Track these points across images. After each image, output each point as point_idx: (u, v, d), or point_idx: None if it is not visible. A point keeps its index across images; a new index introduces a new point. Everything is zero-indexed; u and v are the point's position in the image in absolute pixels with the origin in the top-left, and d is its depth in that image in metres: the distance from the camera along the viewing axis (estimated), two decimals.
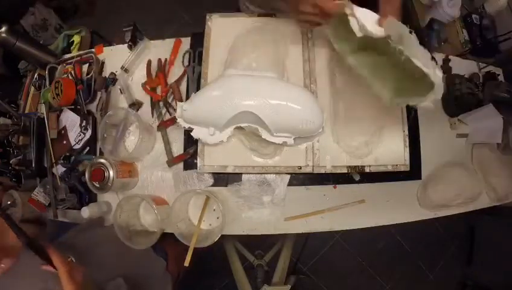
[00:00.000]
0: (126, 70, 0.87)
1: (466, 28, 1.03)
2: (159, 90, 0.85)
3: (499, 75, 0.93)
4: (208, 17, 0.79)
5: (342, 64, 0.69)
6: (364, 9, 0.55)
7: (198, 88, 0.79)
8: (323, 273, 1.73)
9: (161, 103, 0.84)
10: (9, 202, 0.83)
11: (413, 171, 0.76)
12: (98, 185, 0.74)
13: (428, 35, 0.88)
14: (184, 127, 0.70)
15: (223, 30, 0.78)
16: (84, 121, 0.86)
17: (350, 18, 0.55)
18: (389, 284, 1.75)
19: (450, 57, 0.92)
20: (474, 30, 1.02)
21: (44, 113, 0.87)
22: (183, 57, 0.86)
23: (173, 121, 0.81)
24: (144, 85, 0.86)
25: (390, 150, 0.74)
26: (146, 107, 0.86)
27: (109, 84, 0.87)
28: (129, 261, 0.77)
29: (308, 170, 0.71)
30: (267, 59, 0.75)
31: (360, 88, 0.76)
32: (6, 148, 0.90)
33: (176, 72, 0.86)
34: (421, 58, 0.52)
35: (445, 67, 0.91)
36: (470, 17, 1.02)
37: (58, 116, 0.89)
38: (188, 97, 0.81)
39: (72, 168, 0.84)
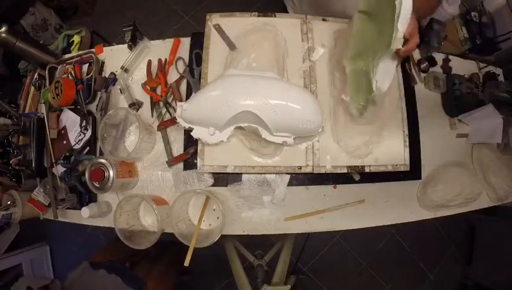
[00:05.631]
0: (126, 70, 0.87)
1: (465, 26, 1.03)
2: (159, 90, 0.85)
3: (498, 75, 0.93)
4: (208, 17, 0.79)
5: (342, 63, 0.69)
6: None
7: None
8: (323, 273, 1.74)
9: (161, 103, 0.84)
10: (9, 202, 0.83)
11: (413, 171, 0.76)
12: (98, 185, 0.74)
13: (428, 35, 0.88)
14: (184, 127, 0.70)
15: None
16: (84, 121, 0.86)
17: None
18: (389, 284, 1.75)
19: (450, 57, 0.92)
20: (474, 28, 1.02)
21: (44, 113, 0.87)
22: (176, 63, 0.86)
23: (173, 121, 0.81)
24: (143, 85, 0.86)
25: (390, 150, 0.74)
26: (146, 107, 0.86)
27: (109, 84, 0.87)
28: None
29: (308, 170, 0.71)
30: (267, 59, 0.75)
31: None
32: (6, 148, 0.90)
33: (175, 72, 0.86)
34: None
35: (445, 67, 0.91)
36: (469, 15, 1.02)
37: (58, 116, 0.89)
38: (188, 97, 0.81)
39: (72, 168, 0.84)
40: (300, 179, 0.79)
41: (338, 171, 0.72)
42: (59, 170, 0.86)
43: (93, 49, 0.92)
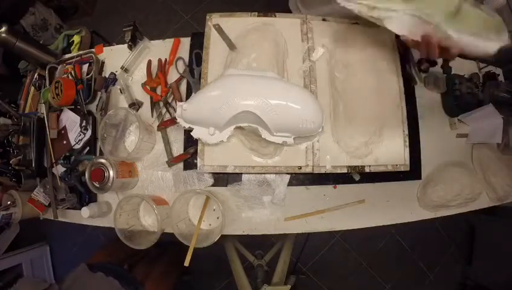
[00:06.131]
0: (126, 70, 0.87)
1: None
2: (159, 90, 0.85)
3: (498, 75, 0.93)
4: (208, 17, 0.79)
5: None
6: None
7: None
8: (323, 273, 1.74)
9: (161, 103, 0.84)
10: (9, 202, 0.83)
11: (413, 171, 0.76)
12: (98, 185, 0.74)
13: None
14: (184, 127, 0.70)
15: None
16: (84, 121, 0.86)
17: None
18: (389, 284, 1.75)
19: None
20: None
21: (44, 113, 0.87)
22: (176, 63, 0.86)
23: (173, 121, 0.81)
24: (143, 85, 0.86)
25: (390, 150, 0.74)
26: (146, 107, 0.86)
27: (109, 84, 0.87)
28: None
29: (308, 170, 0.71)
30: (267, 59, 0.75)
31: (360, 88, 0.76)
32: (6, 148, 0.90)
33: (175, 72, 0.86)
34: None
35: (445, 67, 0.90)
36: None
37: (58, 116, 0.89)
38: (188, 97, 0.82)
39: (72, 168, 0.84)
40: (300, 179, 0.79)
41: (338, 171, 0.72)
42: (59, 170, 0.86)
43: (93, 49, 0.92)
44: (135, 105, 0.85)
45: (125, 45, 0.88)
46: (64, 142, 0.87)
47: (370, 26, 0.79)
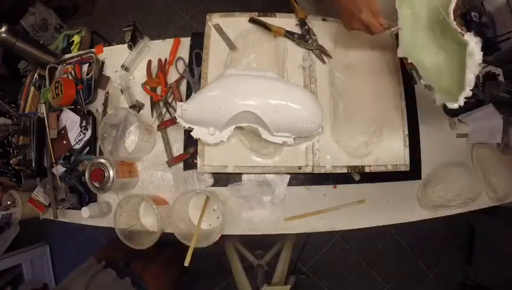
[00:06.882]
0: (126, 69, 0.87)
1: (465, 26, 1.03)
2: (159, 90, 0.85)
3: (498, 75, 0.93)
4: (208, 17, 0.79)
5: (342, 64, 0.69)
6: None
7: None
8: (323, 273, 1.74)
9: (161, 103, 0.84)
10: (9, 202, 0.83)
11: (413, 171, 0.76)
12: (98, 185, 0.74)
13: None
14: (184, 127, 0.70)
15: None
16: (84, 121, 0.86)
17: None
18: (389, 284, 1.75)
19: None
20: (474, 28, 1.02)
21: (44, 113, 0.87)
22: (176, 63, 0.86)
23: (173, 121, 0.81)
24: (144, 85, 0.86)
25: (390, 150, 0.74)
26: (146, 107, 0.86)
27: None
28: None
29: (308, 170, 0.71)
30: (267, 59, 0.75)
31: (360, 88, 0.76)
32: (6, 148, 0.90)
33: (175, 72, 0.86)
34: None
35: None
36: (469, 15, 1.02)
37: (58, 116, 0.89)
38: (188, 97, 0.82)
39: (72, 168, 0.84)
40: (300, 179, 0.79)
41: (338, 171, 0.72)
42: (59, 170, 0.86)
43: (93, 49, 0.92)
44: (136, 107, 0.85)
45: (125, 45, 0.88)
46: (64, 142, 0.87)
47: None
